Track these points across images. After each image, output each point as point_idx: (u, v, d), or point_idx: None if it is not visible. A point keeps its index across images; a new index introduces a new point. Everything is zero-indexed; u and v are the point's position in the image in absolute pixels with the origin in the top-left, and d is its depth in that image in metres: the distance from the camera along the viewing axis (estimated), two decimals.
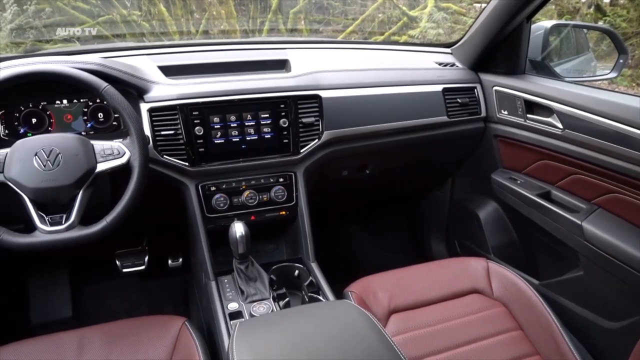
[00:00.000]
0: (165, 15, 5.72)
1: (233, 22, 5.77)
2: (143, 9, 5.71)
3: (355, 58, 1.70)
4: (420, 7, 6.44)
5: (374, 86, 1.51)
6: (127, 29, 5.60)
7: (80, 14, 5.36)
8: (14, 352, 1.07)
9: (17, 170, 1.04)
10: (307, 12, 6.11)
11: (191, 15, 5.98)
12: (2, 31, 5.30)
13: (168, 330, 1.14)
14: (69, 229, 1.06)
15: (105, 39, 5.45)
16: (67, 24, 5.49)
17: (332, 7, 6.45)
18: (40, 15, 5.47)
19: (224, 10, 5.83)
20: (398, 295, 1.30)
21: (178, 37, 5.79)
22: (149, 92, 1.29)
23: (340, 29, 5.89)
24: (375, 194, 1.98)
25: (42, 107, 1.28)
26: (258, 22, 5.89)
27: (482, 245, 1.75)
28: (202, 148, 1.31)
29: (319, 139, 1.42)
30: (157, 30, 5.65)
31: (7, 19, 5.32)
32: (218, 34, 5.65)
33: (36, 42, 5.40)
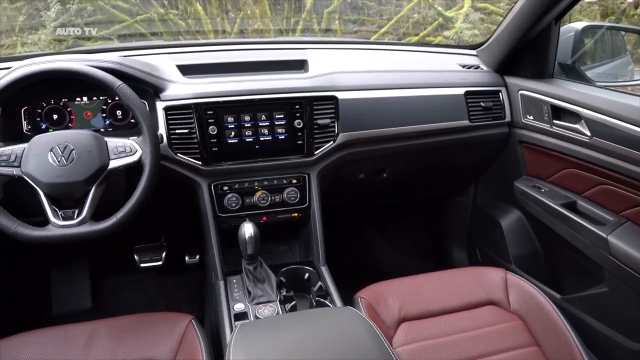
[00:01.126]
0: (201, 14, 5.81)
1: (267, 22, 5.81)
2: (180, 8, 5.82)
3: (377, 59, 1.67)
4: (457, 8, 6.31)
5: (393, 88, 1.48)
6: (164, 28, 5.73)
7: (120, 13, 5.51)
8: (25, 341, 1.10)
9: (32, 165, 1.07)
10: (341, 11, 6.08)
11: (226, 15, 6.06)
12: (46, 28, 5.52)
13: (175, 327, 1.15)
14: (80, 223, 1.07)
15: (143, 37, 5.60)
16: (107, 22, 5.66)
17: (367, 6, 6.40)
18: (82, 13, 5.67)
19: (258, 10, 5.88)
20: (409, 303, 1.27)
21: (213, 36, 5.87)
22: (165, 91, 1.30)
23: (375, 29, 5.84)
24: (393, 197, 1.94)
25: (63, 103, 1.32)
26: (292, 21, 5.91)
27: (503, 254, 1.69)
28: (215, 147, 1.32)
29: (334, 141, 1.40)
30: (193, 29, 5.76)
31: (51, 17, 5.53)
32: (252, 33, 5.70)
33: (77, 39, 5.60)
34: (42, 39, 5.35)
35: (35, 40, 5.42)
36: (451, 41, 5.74)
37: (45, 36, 5.41)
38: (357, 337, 0.89)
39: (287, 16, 5.97)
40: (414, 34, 6.06)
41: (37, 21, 5.53)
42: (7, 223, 1.04)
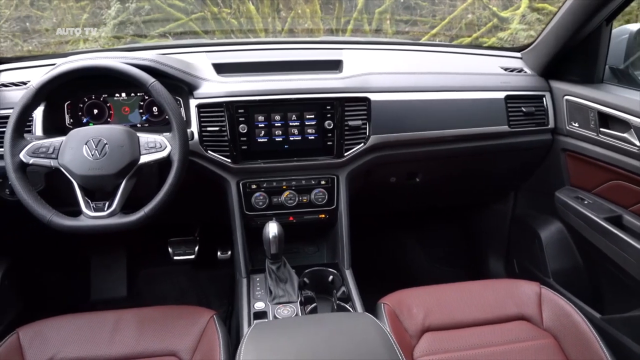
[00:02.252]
0: (253, 13, 5.91)
1: (317, 21, 5.83)
2: (233, 7, 5.95)
3: (415, 60, 1.63)
4: (513, 8, 6.08)
5: (429, 90, 1.44)
6: (217, 26, 5.87)
7: (175, 12, 5.70)
8: (60, 324, 1.15)
9: (68, 157, 1.11)
10: (393, 11, 6.01)
11: (278, 14, 6.13)
12: (106, 26, 5.80)
13: (196, 322, 1.17)
14: (110, 215, 1.11)
15: (196, 35, 5.76)
16: (163, 20, 5.88)
17: (420, 6, 6.29)
18: (140, 12, 5.91)
19: (309, 9, 5.90)
20: (435, 312, 1.23)
21: (264, 35, 5.95)
22: (198, 89, 1.33)
23: (427, 29, 5.72)
24: (426, 203, 1.89)
25: (103, 99, 1.37)
26: (342, 21, 5.89)
27: (541, 267, 1.61)
28: (244, 146, 1.33)
29: (365, 143, 1.37)
30: (245, 27, 5.87)
31: (111, 15, 5.80)
32: (301, 33, 5.74)
33: (135, 36, 5.85)
34: (102, 36, 5.62)
35: (96, 37, 5.70)
36: (506, 43, 5.53)
37: (105, 33, 5.68)
38: (370, 345, 0.87)
39: (337, 16, 5.96)
40: (467, 35, 5.89)
41: (98, 19, 5.81)
42: (43, 212, 1.09)
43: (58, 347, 1.10)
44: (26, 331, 1.11)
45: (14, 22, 5.71)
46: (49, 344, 1.10)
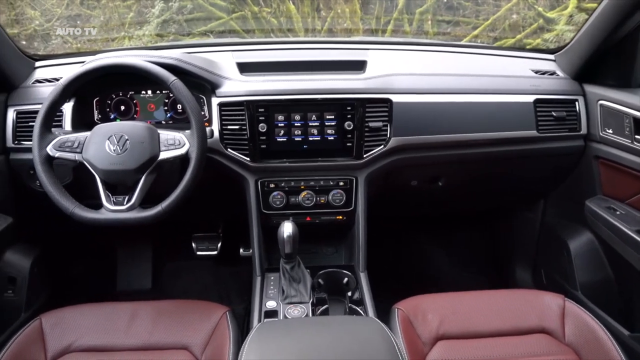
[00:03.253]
0: (293, 12, 5.94)
1: (357, 21, 5.80)
2: (273, 6, 6.01)
3: (442, 62, 1.59)
4: (560, 8, 5.86)
5: (454, 93, 1.40)
6: (257, 25, 5.94)
7: (217, 11, 5.82)
8: (81, 312, 1.19)
9: (91, 152, 1.15)
10: (435, 12, 5.91)
11: (317, 13, 6.15)
12: (150, 25, 5.98)
13: (209, 318, 1.18)
14: (129, 209, 1.14)
15: (236, 34, 5.85)
16: (205, 19, 6.01)
17: (463, 7, 6.15)
18: (182, 11, 6.06)
19: (348, 9, 5.89)
20: (450, 320, 1.20)
21: (303, 34, 5.99)
22: (220, 87, 1.34)
23: (469, 30, 5.60)
24: (449, 207, 1.84)
25: (129, 96, 1.41)
26: (382, 21, 5.84)
27: (568, 279, 1.54)
28: (264, 145, 1.33)
29: (385, 145, 1.35)
30: (284, 26, 5.91)
31: (155, 14, 5.98)
32: (341, 32, 5.73)
33: (177, 35, 6.01)
34: (146, 34, 5.80)
35: (140, 35, 5.89)
36: (551, 45, 5.34)
37: (148, 31, 5.86)
38: (373, 350, 0.86)
39: (377, 16, 5.92)
40: (511, 36, 5.73)
41: (143, 18, 6.00)
42: (66, 204, 1.13)
43: (77, 334, 1.14)
44: (48, 318, 1.16)
45: (65, 20, 5.97)
46: (69, 331, 1.14)
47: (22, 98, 1.37)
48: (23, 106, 1.34)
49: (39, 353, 1.09)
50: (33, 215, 1.42)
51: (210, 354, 1.11)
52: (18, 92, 1.38)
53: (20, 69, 1.41)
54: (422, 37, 6.11)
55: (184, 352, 1.13)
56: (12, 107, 1.35)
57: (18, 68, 1.40)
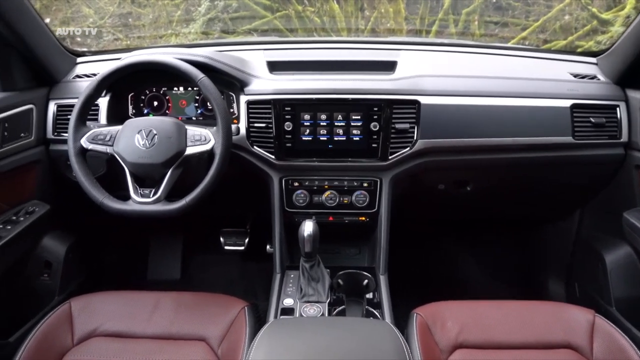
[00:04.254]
0: (337, 11, 5.95)
1: (400, 21, 5.73)
2: (316, 5, 6.03)
3: (476, 63, 1.55)
4: (617, 9, 5.59)
5: (486, 95, 1.36)
6: (300, 24, 5.99)
7: (261, 9, 5.90)
8: (108, 298, 1.24)
9: (122, 145, 1.19)
10: (482, 12, 5.76)
11: (361, 12, 6.12)
12: (196, 23, 6.14)
13: (229, 311, 1.20)
14: (154, 202, 1.17)
15: (280, 33, 5.93)
16: (250, 17, 6.11)
17: (512, 7, 5.97)
18: (228, 9, 6.19)
19: (392, 9, 5.83)
20: (470, 328, 1.17)
21: (346, 34, 5.98)
22: (249, 85, 1.36)
23: (519, 31, 5.43)
24: (479, 213, 1.79)
25: (162, 92, 1.45)
26: (426, 22, 5.75)
27: (603, 294, 1.47)
28: (289, 143, 1.34)
29: (412, 147, 1.33)
30: (327, 26, 5.92)
31: (201, 12, 6.14)
32: (384, 32, 5.69)
33: (222, 33, 6.15)
34: (192, 32, 5.96)
35: (185, 33, 6.06)
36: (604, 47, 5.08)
37: (194, 29, 6.02)
38: (382, 354, 0.85)
39: (422, 16, 5.82)
40: (562, 38, 5.52)
41: (190, 16, 6.17)
42: (97, 194, 1.18)
43: (102, 319, 1.18)
44: (77, 302, 1.21)
45: (117, 18, 6.22)
46: (95, 316, 1.19)
47: (63, 92, 1.44)
48: (63, 100, 1.41)
49: (67, 335, 1.15)
50: (69, 204, 1.48)
51: (227, 347, 1.13)
52: (59, 86, 1.45)
53: (62, 65, 1.48)
54: (467, 38, 5.99)
55: (201, 343, 1.15)
56: (53, 101, 1.42)
57: (60, 64, 1.47)
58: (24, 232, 1.31)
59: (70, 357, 1.10)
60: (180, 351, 1.13)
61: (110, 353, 1.11)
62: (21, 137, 1.33)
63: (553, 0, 6.14)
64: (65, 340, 1.13)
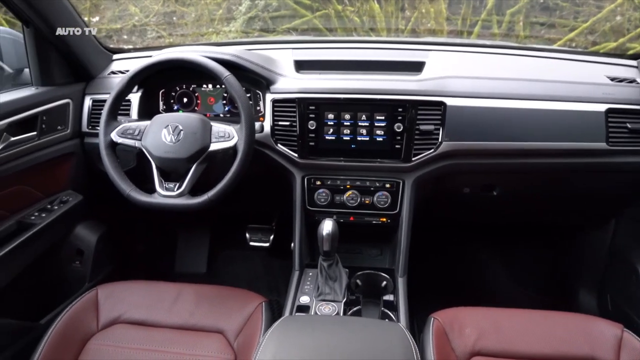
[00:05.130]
0: (377, 11, 5.91)
1: (441, 22, 5.64)
2: (356, 5, 6.02)
3: (508, 65, 1.51)
4: None
5: (515, 98, 1.32)
6: (339, 24, 5.99)
7: (301, 9, 5.95)
8: (130, 288, 1.28)
9: (149, 139, 1.23)
10: (527, 13, 5.60)
11: (401, 12, 6.05)
12: (236, 21, 6.25)
13: (246, 306, 1.22)
14: (178, 196, 1.20)
15: (319, 32, 5.95)
16: (290, 16, 6.16)
17: (560, 7, 5.77)
18: (268, 8, 6.26)
19: (433, 9, 5.74)
20: (489, 336, 1.14)
21: (385, 34, 5.94)
22: (275, 84, 1.38)
23: (566, 32, 5.25)
24: (505, 218, 1.74)
25: (192, 89, 1.49)
26: (468, 22, 5.63)
27: (637, 309, 1.40)
28: (312, 142, 1.35)
29: (436, 149, 1.31)
30: (367, 26, 5.90)
31: (242, 11, 6.24)
32: (424, 33, 5.61)
33: (262, 31, 6.23)
34: (232, 30, 6.07)
35: (226, 31, 6.18)
36: None
37: (235, 28, 6.13)
38: (389, 356, 0.85)
39: (464, 17, 5.70)
40: (613, 40, 5.29)
41: (231, 14, 6.28)
42: (124, 186, 1.22)
43: (126, 307, 1.23)
44: (104, 289, 1.26)
45: (161, 17, 6.40)
46: (120, 303, 1.23)
47: (98, 87, 1.50)
48: (97, 95, 1.47)
49: (92, 320, 1.20)
50: (101, 195, 1.54)
51: (242, 341, 1.15)
52: (95, 82, 1.52)
53: (99, 61, 1.54)
54: (511, 40, 5.82)
55: (219, 335, 1.18)
56: (88, 96, 1.48)
57: (97, 60, 1.53)
58: (57, 220, 1.37)
59: (94, 341, 1.15)
60: (198, 342, 1.15)
61: (131, 340, 1.16)
62: (58, 130, 1.40)
63: (604, 1, 5.88)
64: (90, 325, 1.19)
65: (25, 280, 1.34)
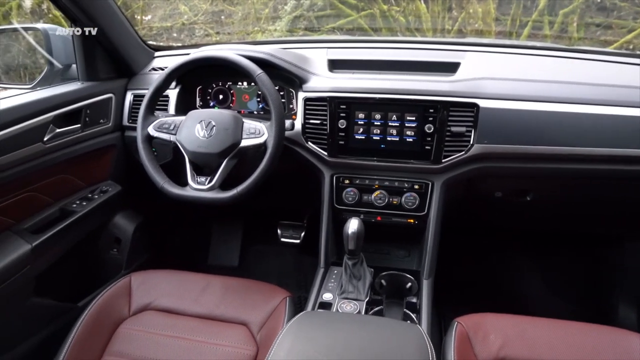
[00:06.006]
0: (423, 11, 5.84)
1: (490, 22, 5.50)
2: (402, 5, 5.96)
3: (548, 67, 1.45)
4: None
5: (553, 101, 1.28)
6: (384, 24, 5.96)
7: (346, 8, 5.95)
8: (162, 277, 1.33)
9: (183, 134, 1.28)
10: (582, 13, 5.38)
11: (448, 13, 5.94)
12: (282, 21, 6.33)
13: (271, 300, 1.25)
14: (209, 190, 1.24)
15: (364, 32, 5.95)
16: (335, 16, 6.18)
17: (618, 7, 5.51)
18: (313, 8, 6.31)
19: (481, 9, 5.60)
20: (514, 344, 1.11)
21: (431, 34, 5.85)
22: (307, 82, 1.39)
23: (624, 34, 5.02)
24: (540, 225, 1.68)
25: (227, 86, 1.53)
26: (518, 23, 5.46)
27: None
28: (342, 141, 1.36)
29: (467, 151, 1.29)
30: (412, 26, 5.83)
31: (287, 10, 6.32)
32: (471, 34, 5.49)
33: (307, 30, 6.29)
34: (277, 29, 6.16)
35: (271, 30, 6.27)
36: None
37: (279, 27, 6.21)
38: (402, 356, 0.85)
39: (513, 17, 5.54)
40: None
41: (277, 13, 6.37)
42: (158, 178, 1.27)
43: (156, 295, 1.28)
44: (137, 277, 1.32)
45: (209, 15, 6.58)
46: (151, 291, 1.29)
47: (139, 83, 1.56)
48: (138, 90, 1.54)
49: (124, 305, 1.25)
50: (139, 186, 1.61)
51: (265, 334, 1.18)
52: (137, 78, 1.58)
53: (141, 58, 1.61)
54: (563, 41, 5.59)
55: (243, 327, 1.21)
56: (130, 91, 1.55)
57: (139, 57, 1.60)
58: (97, 209, 1.45)
59: (125, 326, 1.20)
60: (222, 332, 1.19)
61: (159, 326, 1.20)
62: (100, 123, 1.47)
63: None
64: (122, 310, 1.24)
65: (65, 264, 1.42)
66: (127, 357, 1.13)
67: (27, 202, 1.29)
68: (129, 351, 1.14)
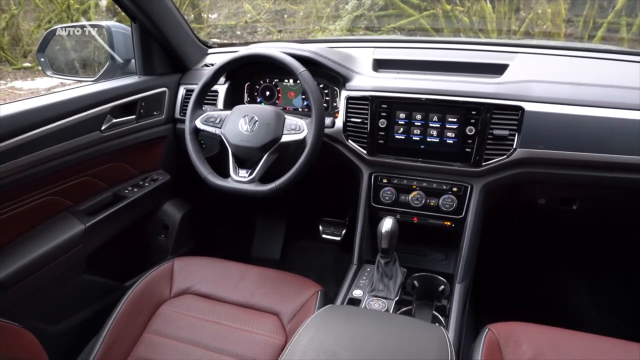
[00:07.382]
0: (488, 12, 5.66)
1: (559, 23, 5.25)
2: (466, 5, 5.81)
3: (605, 71, 1.38)
4: None
5: (606, 107, 1.22)
6: (446, 24, 5.85)
7: (408, 8, 5.89)
8: (205, 264, 1.40)
9: (228, 128, 1.33)
10: None
11: (515, 13, 5.72)
12: (342, 20, 6.37)
13: (303, 292, 1.28)
14: (248, 182, 1.29)
15: (425, 32, 5.87)
16: (396, 15, 6.14)
17: None
18: (374, 7, 6.29)
19: (550, 9, 5.36)
20: (546, 355, 1.08)
21: (496, 35, 5.66)
22: (350, 81, 1.41)
23: None
24: (588, 236, 1.59)
25: (274, 83, 1.57)
26: (590, 25, 5.18)
27: None
28: (382, 140, 1.36)
29: (509, 155, 1.26)
30: (476, 26, 5.68)
31: (348, 10, 6.34)
32: (539, 35, 5.27)
33: (367, 30, 6.29)
34: (337, 28, 6.20)
35: (331, 29, 6.32)
36: None
37: (340, 26, 6.25)
38: (420, 355, 0.85)
39: (586, 19, 5.25)
40: None
41: (338, 12, 6.41)
42: (202, 169, 1.34)
43: (196, 280, 1.34)
44: (179, 262, 1.39)
45: (271, 14, 6.73)
46: (191, 276, 1.35)
47: (191, 78, 1.64)
48: (190, 85, 1.62)
49: (166, 288, 1.33)
50: (187, 176, 1.70)
51: (294, 325, 1.21)
52: (190, 73, 1.66)
53: (195, 55, 1.69)
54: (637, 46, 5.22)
55: (274, 317, 1.24)
56: (183, 85, 1.63)
57: (193, 54, 1.68)
58: (147, 196, 1.54)
59: (166, 307, 1.28)
60: (255, 320, 1.23)
61: (197, 310, 1.26)
62: (154, 115, 1.56)
63: None
64: (164, 292, 1.32)
65: (116, 246, 1.52)
66: (166, 336, 1.20)
67: (83, 186, 1.39)
68: (167, 331, 1.21)
